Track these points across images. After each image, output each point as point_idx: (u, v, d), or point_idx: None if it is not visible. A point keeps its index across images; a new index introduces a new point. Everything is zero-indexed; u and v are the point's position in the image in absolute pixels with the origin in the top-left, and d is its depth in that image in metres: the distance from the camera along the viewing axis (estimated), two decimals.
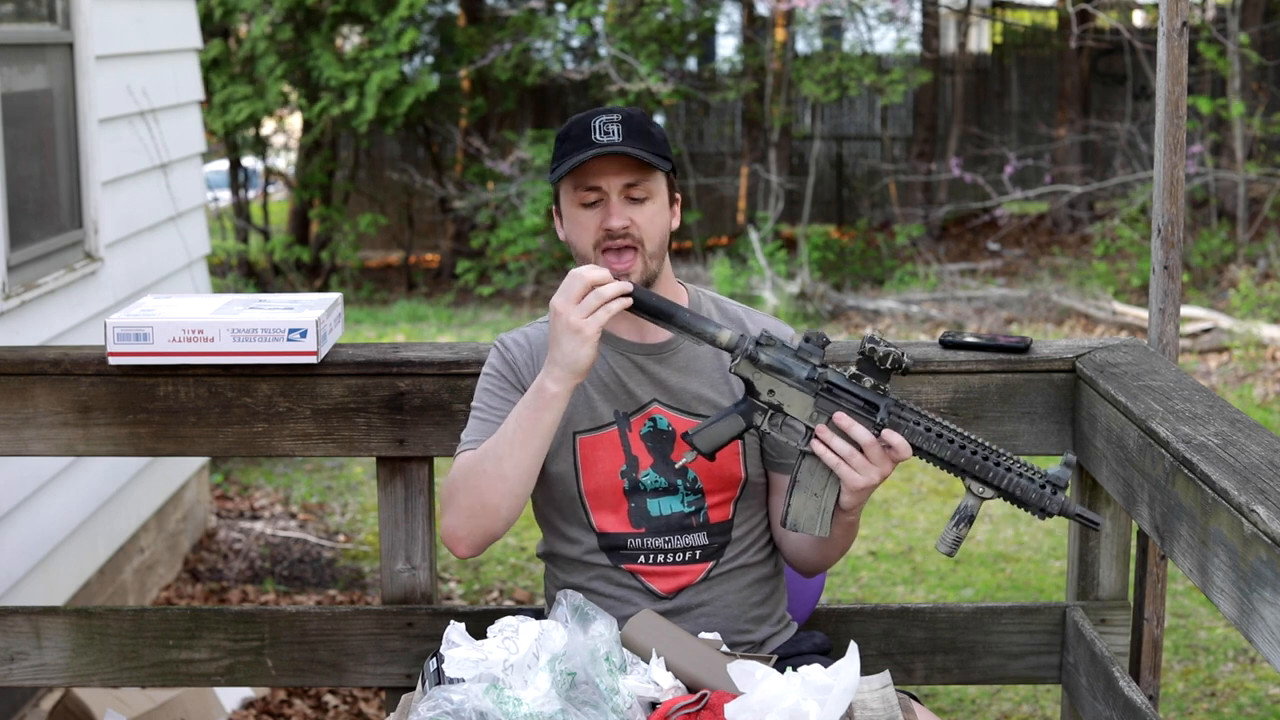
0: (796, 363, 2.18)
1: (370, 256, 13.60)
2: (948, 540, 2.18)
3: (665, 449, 2.40)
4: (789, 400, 2.19)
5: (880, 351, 2.15)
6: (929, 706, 2.42)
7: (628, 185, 2.32)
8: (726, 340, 2.20)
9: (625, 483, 2.39)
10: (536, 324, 2.51)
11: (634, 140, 2.31)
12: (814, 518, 2.23)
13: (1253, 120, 10.88)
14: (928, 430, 2.16)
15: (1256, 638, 1.88)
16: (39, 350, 2.83)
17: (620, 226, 2.31)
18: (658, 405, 2.41)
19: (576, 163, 2.29)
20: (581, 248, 2.36)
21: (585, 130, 2.32)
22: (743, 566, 2.45)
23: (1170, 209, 2.74)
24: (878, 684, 2.30)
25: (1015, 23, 15.15)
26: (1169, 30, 2.68)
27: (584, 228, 2.34)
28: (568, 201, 2.37)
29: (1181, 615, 5.02)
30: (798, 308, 10.51)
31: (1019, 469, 2.15)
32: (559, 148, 2.36)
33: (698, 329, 2.21)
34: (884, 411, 2.16)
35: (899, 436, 2.16)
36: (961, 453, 2.15)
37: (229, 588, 5.48)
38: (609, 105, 2.48)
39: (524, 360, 2.44)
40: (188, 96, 6.01)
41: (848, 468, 2.18)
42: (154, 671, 2.84)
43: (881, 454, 2.18)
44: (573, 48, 13.23)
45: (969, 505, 2.16)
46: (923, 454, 2.17)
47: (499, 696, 2.04)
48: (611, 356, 2.43)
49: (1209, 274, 10.78)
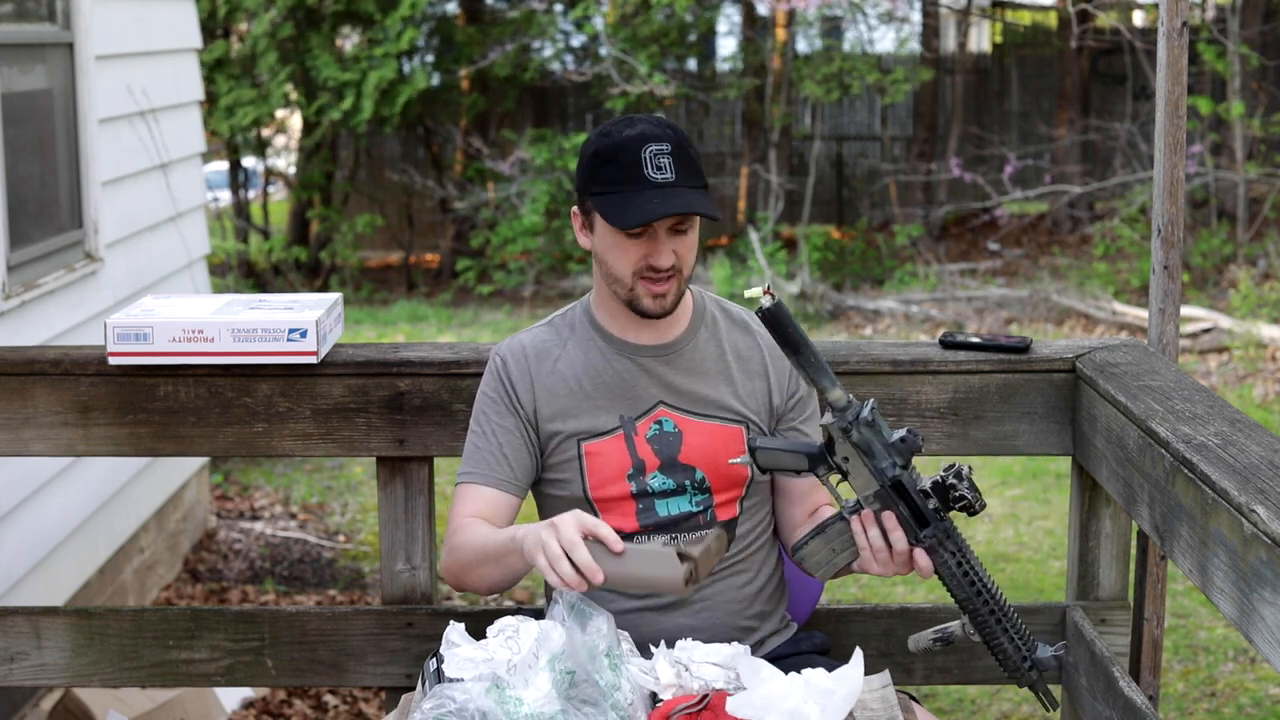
0: (883, 452, 2.19)
1: (370, 256, 13.60)
2: (920, 644, 2.27)
3: (673, 451, 2.40)
4: (856, 475, 2.21)
5: (957, 493, 2.18)
6: (929, 706, 2.43)
7: (676, 222, 2.32)
8: (834, 398, 2.20)
9: (633, 486, 2.39)
10: (536, 329, 2.50)
11: (685, 176, 2.29)
12: (821, 565, 2.27)
13: (1252, 121, 10.88)
14: (958, 566, 2.20)
15: (1256, 638, 1.88)
16: (39, 350, 2.83)
17: (669, 265, 2.31)
18: (664, 407, 2.41)
19: (644, 220, 2.26)
20: (619, 272, 2.34)
21: (635, 160, 2.28)
22: (746, 563, 2.45)
23: (1170, 209, 2.74)
24: (878, 684, 2.31)
25: (1015, 23, 15.15)
26: (1169, 30, 2.68)
27: (626, 256, 2.32)
28: (608, 226, 2.33)
29: (1181, 615, 5.02)
30: (798, 308, 10.51)
31: (1015, 636, 2.21)
32: (602, 169, 2.32)
33: (815, 374, 2.18)
34: (930, 535, 2.20)
35: (926, 560, 2.20)
36: (975, 599, 2.20)
37: (229, 588, 5.48)
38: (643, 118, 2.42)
39: (519, 374, 2.43)
40: (188, 96, 6.01)
41: (870, 556, 2.22)
42: (154, 671, 2.84)
43: (905, 562, 2.22)
44: (574, 48, 13.24)
45: (954, 634, 2.25)
46: (943, 582, 2.23)
47: (500, 696, 2.04)
48: (616, 359, 2.42)
49: (1209, 274, 10.78)
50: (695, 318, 2.46)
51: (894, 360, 2.75)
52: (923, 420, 2.76)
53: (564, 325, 2.48)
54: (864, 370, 2.75)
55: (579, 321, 2.47)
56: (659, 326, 2.43)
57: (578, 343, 2.45)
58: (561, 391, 2.42)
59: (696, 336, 2.45)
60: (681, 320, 2.45)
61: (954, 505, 2.18)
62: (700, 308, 2.47)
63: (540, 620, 2.18)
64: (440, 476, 7.18)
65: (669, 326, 2.44)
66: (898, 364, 2.75)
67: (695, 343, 2.44)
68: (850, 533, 2.23)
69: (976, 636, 2.22)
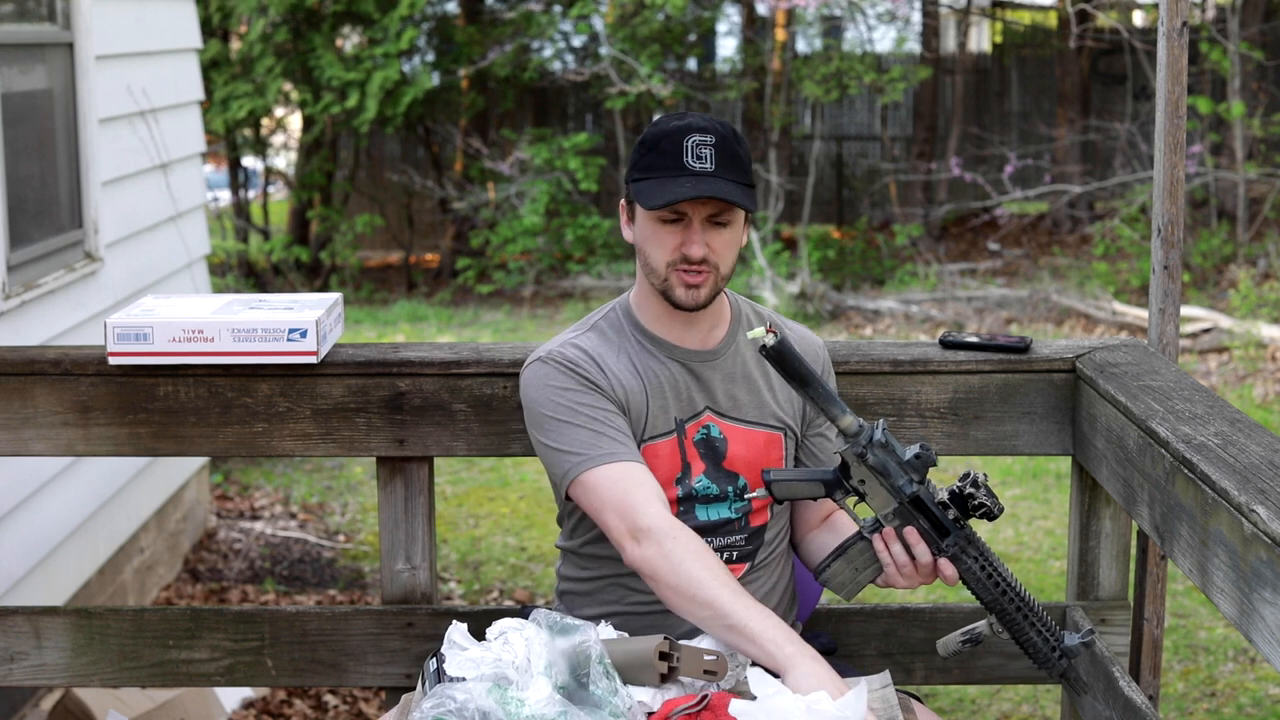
0: (898, 471, 2.20)
1: (370, 256, 13.60)
2: (949, 647, 2.27)
3: (717, 456, 2.40)
4: (874, 495, 2.22)
5: (976, 500, 2.19)
6: (929, 706, 2.43)
7: (712, 214, 2.31)
8: (845, 425, 2.20)
9: (679, 490, 2.39)
10: (580, 335, 2.43)
11: (726, 169, 2.29)
12: (845, 585, 2.28)
13: (1252, 121, 10.88)
14: (981, 570, 2.21)
15: (1256, 638, 1.88)
16: (39, 350, 2.83)
17: (700, 256, 2.30)
18: (710, 413, 2.41)
19: (671, 200, 2.25)
20: (655, 262, 2.34)
21: (677, 148, 2.29)
22: (770, 568, 2.47)
23: (1170, 209, 2.74)
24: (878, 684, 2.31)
25: (1015, 23, 15.15)
26: (1169, 30, 2.68)
27: (662, 245, 2.32)
28: (646, 214, 2.33)
29: (1181, 615, 5.02)
30: (798, 308, 10.50)
31: (1042, 629, 2.22)
32: (645, 156, 2.33)
33: (825, 404, 2.19)
34: (952, 544, 2.21)
35: (952, 569, 2.21)
36: (1001, 599, 2.21)
37: (229, 588, 5.48)
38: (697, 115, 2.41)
39: (593, 370, 2.37)
40: (188, 96, 6.01)
41: (895, 572, 2.23)
42: (154, 671, 2.84)
43: (930, 573, 2.23)
44: (574, 48, 13.24)
45: (982, 633, 2.25)
46: (968, 587, 2.23)
47: (502, 696, 2.04)
48: (670, 363, 2.41)
49: (1209, 274, 10.78)
50: (734, 323, 2.46)
51: (894, 360, 2.75)
52: (923, 420, 2.76)
53: (608, 328, 2.44)
54: (864, 370, 2.75)
55: (623, 324, 2.44)
56: (702, 330, 2.41)
57: (628, 343, 2.42)
58: (629, 389, 2.38)
59: (736, 342, 2.45)
60: (722, 325, 2.44)
61: (974, 513, 2.19)
62: (738, 313, 2.47)
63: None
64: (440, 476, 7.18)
65: (711, 331, 2.43)
66: (898, 364, 2.75)
67: (736, 348, 2.44)
68: (872, 551, 2.24)
69: (1005, 634, 2.23)
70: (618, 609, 2.41)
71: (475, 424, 2.73)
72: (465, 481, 6.68)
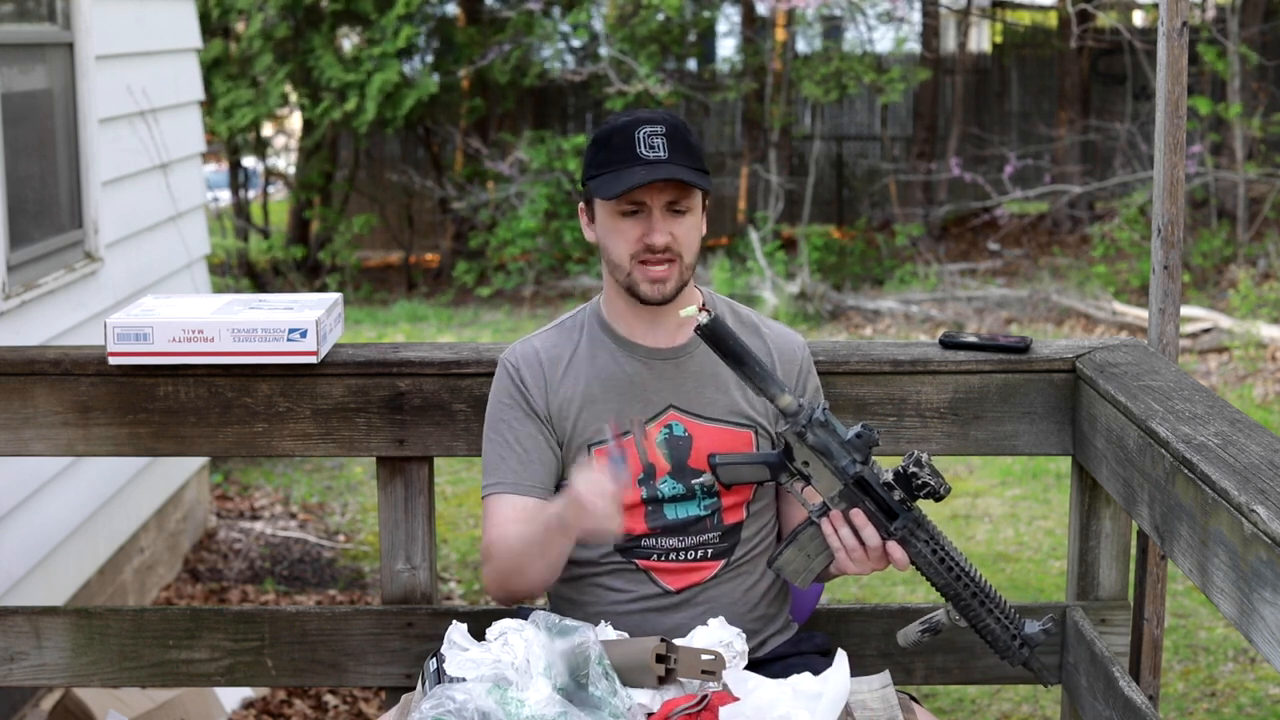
0: (840, 451, 2.20)
1: (370, 257, 13.60)
2: (909, 638, 2.26)
3: (682, 455, 2.40)
4: (819, 477, 2.22)
5: (920, 480, 2.18)
6: (929, 706, 2.43)
7: (670, 201, 2.32)
8: (784, 405, 2.21)
9: (643, 491, 2.39)
10: (545, 333, 2.49)
11: (679, 155, 2.31)
12: (799, 572, 2.28)
13: (1252, 121, 10.88)
14: (933, 553, 2.20)
15: (1256, 638, 1.88)
16: (39, 350, 2.83)
17: (663, 244, 2.32)
18: (674, 411, 2.41)
19: (629, 187, 2.28)
20: (617, 256, 2.35)
21: (629, 141, 2.31)
22: (750, 566, 2.45)
23: (1170, 209, 2.74)
24: (878, 684, 2.31)
25: (1015, 23, 15.15)
26: (1169, 30, 2.68)
27: (623, 238, 2.34)
28: (605, 209, 2.35)
29: (1181, 615, 5.02)
30: (798, 308, 10.50)
31: (1000, 616, 2.22)
32: (598, 154, 2.35)
33: (761, 383, 2.20)
34: (900, 527, 2.20)
35: (901, 552, 2.21)
36: (955, 584, 2.21)
37: (229, 588, 5.48)
38: (643, 110, 2.44)
39: (533, 379, 2.42)
40: (188, 96, 6.01)
41: (845, 556, 2.23)
42: (154, 671, 2.84)
43: (880, 557, 2.22)
44: (573, 48, 13.24)
45: (940, 622, 2.24)
46: (921, 571, 2.22)
47: (502, 697, 2.04)
48: (626, 362, 2.42)
49: (1209, 274, 10.78)
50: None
51: (894, 360, 2.75)
52: (923, 420, 2.76)
53: (574, 328, 2.47)
54: (864, 370, 2.75)
55: (589, 324, 2.46)
56: (669, 327, 2.42)
57: (588, 345, 2.44)
58: (574, 395, 2.41)
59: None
60: (691, 322, 2.45)
61: (919, 493, 2.19)
62: (710, 310, 2.47)
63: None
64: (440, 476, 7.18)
65: (679, 329, 2.43)
66: (898, 364, 2.75)
67: (705, 346, 2.44)
68: (822, 536, 2.24)
69: (963, 622, 2.22)
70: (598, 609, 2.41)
71: (475, 424, 2.73)
72: (465, 481, 6.68)
